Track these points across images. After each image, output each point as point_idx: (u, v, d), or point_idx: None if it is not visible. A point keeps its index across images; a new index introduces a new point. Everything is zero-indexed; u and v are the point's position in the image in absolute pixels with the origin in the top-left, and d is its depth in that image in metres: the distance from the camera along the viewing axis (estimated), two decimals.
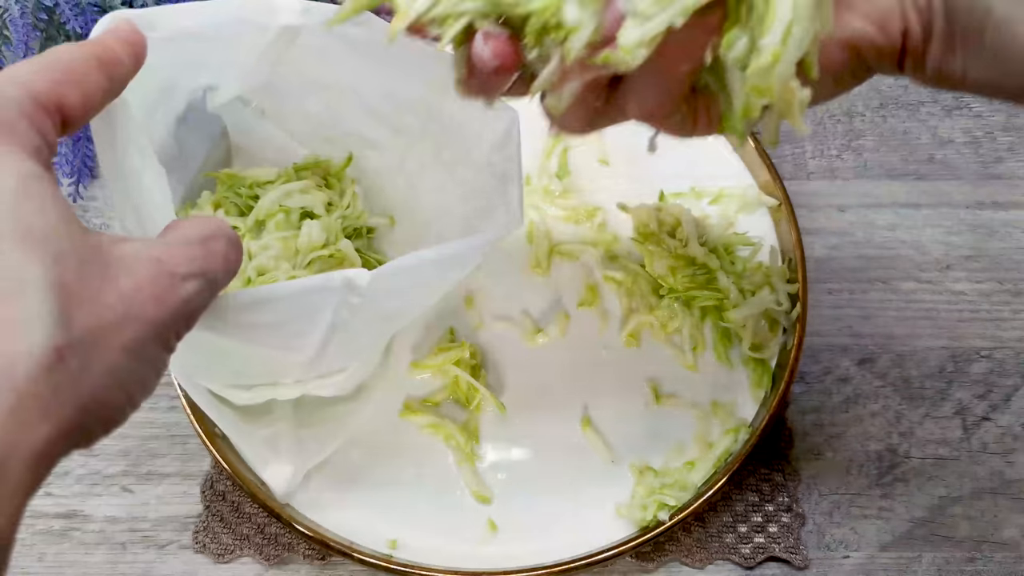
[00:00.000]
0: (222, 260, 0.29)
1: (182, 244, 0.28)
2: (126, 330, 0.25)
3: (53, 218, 0.24)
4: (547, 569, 0.46)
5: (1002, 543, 0.50)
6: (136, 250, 0.27)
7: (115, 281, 0.25)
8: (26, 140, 0.26)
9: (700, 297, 0.53)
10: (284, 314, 0.36)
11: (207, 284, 0.28)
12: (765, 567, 0.50)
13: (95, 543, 0.50)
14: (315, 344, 0.39)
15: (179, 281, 0.27)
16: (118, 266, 0.26)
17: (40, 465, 0.23)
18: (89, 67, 0.29)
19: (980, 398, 0.54)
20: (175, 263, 0.27)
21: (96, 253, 0.25)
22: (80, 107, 0.29)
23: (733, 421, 0.51)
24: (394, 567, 0.46)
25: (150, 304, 0.26)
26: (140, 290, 0.26)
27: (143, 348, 0.26)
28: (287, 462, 0.47)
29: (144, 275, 0.26)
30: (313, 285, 0.35)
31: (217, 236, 0.29)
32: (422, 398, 0.52)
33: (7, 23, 0.56)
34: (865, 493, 0.52)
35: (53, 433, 0.23)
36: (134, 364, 0.25)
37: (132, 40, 0.32)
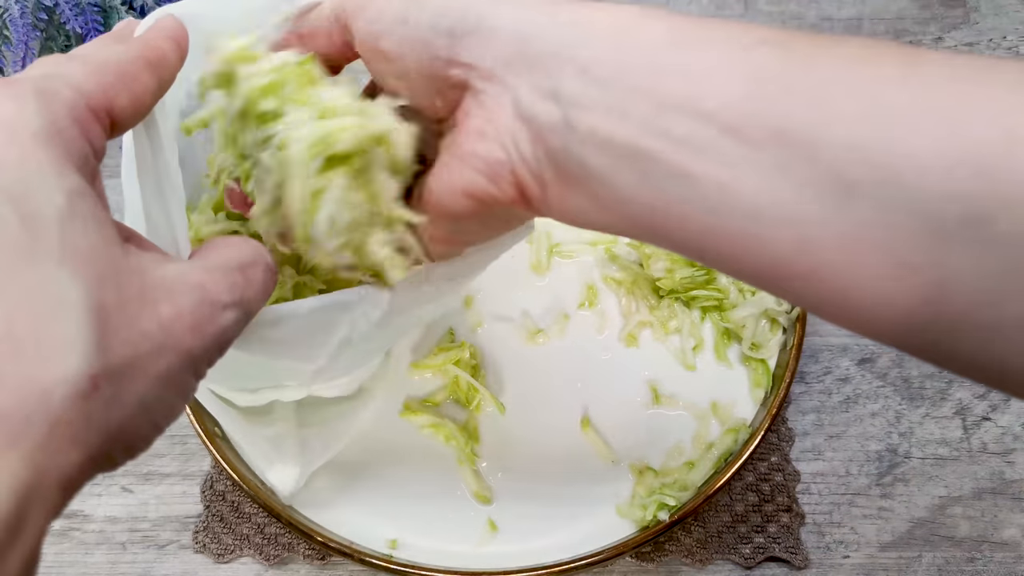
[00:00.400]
0: (260, 288, 0.29)
1: (223, 270, 0.28)
2: (162, 360, 0.25)
3: (96, 239, 0.24)
4: (547, 569, 0.46)
5: (1002, 543, 0.50)
6: (179, 274, 0.26)
7: (155, 307, 0.25)
8: (75, 148, 0.25)
9: (700, 297, 0.53)
10: (305, 329, 0.36)
11: (244, 314, 0.28)
12: (765, 567, 0.50)
13: (95, 543, 0.50)
14: (328, 354, 0.39)
15: (219, 310, 0.26)
16: (159, 291, 0.25)
17: (67, 490, 0.23)
18: (139, 68, 0.28)
19: (980, 398, 0.54)
20: (217, 291, 0.27)
21: (138, 276, 0.25)
22: (130, 110, 0.28)
23: (733, 421, 0.51)
24: (394, 567, 0.46)
25: (188, 334, 0.25)
26: (180, 319, 0.25)
27: (175, 377, 0.25)
28: (292, 464, 0.47)
29: (186, 303, 0.25)
30: (338, 302, 0.35)
31: (257, 263, 0.29)
32: (422, 398, 0.52)
33: (7, 23, 0.56)
34: (865, 493, 0.52)
35: (83, 460, 0.23)
36: (164, 393, 0.25)
37: (177, 37, 0.31)
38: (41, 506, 0.22)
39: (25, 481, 0.21)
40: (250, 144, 0.33)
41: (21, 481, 0.21)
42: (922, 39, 0.66)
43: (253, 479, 0.47)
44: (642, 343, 0.53)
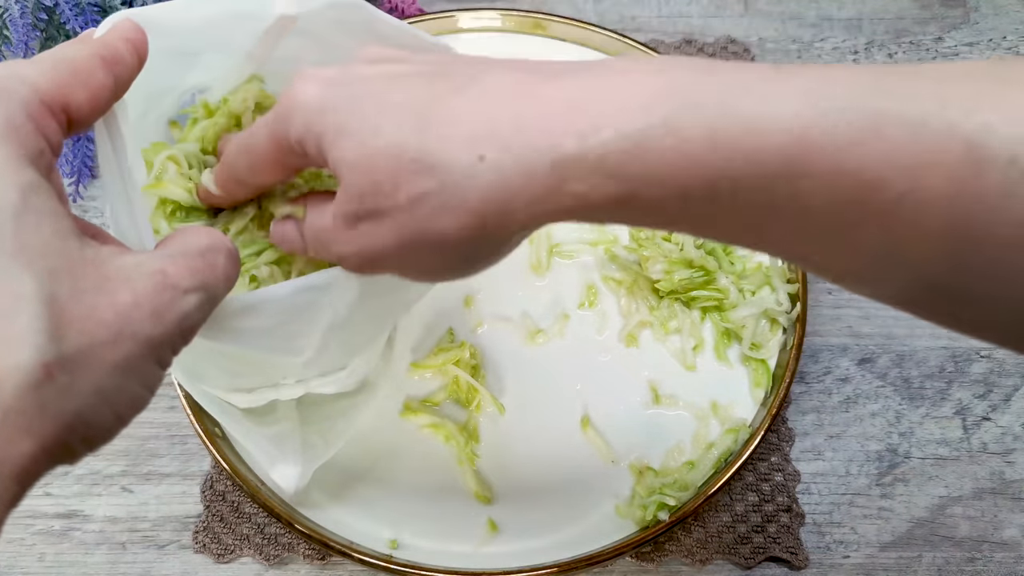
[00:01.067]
0: (222, 273, 0.29)
1: (183, 256, 0.28)
2: (120, 348, 0.25)
3: (50, 233, 0.24)
4: (547, 569, 0.46)
5: (1002, 543, 0.50)
6: (138, 263, 0.26)
7: (112, 296, 0.25)
8: (30, 143, 0.25)
9: (699, 297, 0.53)
10: (280, 317, 0.36)
11: (207, 298, 0.28)
12: (765, 567, 0.50)
13: (95, 543, 0.50)
14: (313, 345, 0.39)
15: (180, 295, 0.27)
16: (117, 280, 0.25)
17: (21, 481, 0.23)
18: (94, 66, 0.29)
19: (980, 398, 0.54)
20: (177, 276, 0.27)
21: (94, 268, 0.25)
22: (87, 107, 0.28)
23: (733, 421, 0.51)
24: (394, 567, 0.46)
25: (148, 320, 0.25)
26: (139, 305, 0.25)
27: (136, 365, 0.25)
28: (294, 462, 0.47)
29: (145, 289, 0.26)
30: (309, 285, 0.35)
31: (218, 248, 0.29)
32: (422, 398, 0.52)
33: (7, 23, 0.56)
34: (865, 493, 0.52)
35: (36, 450, 0.23)
36: (125, 382, 0.25)
37: (134, 38, 0.31)
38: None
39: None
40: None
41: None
42: (922, 39, 0.66)
43: (253, 479, 0.47)
44: (642, 343, 0.53)
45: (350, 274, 0.35)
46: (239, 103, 0.44)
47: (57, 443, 0.24)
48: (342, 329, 0.39)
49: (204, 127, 0.44)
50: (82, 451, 0.25)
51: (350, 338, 0.42)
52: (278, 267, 0.42)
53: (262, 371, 0.43)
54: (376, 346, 0.47)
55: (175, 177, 0.43)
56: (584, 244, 0.55)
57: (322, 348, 0.39)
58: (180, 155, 0.43)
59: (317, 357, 0.40)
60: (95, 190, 0.60)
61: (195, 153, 0.44)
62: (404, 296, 0.43)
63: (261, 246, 0.42)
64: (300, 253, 0.37)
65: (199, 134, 0.44)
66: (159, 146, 0.43)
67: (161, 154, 0.42)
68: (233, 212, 0.43)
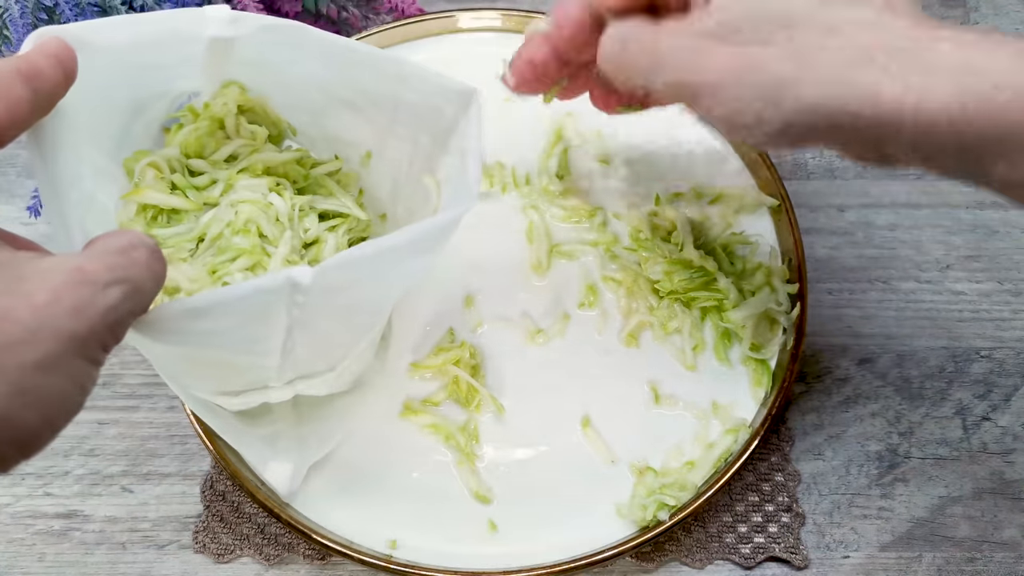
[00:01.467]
0: (145, 268, 0.29)
1: (101, 253, 0.28)
2: (39, 346, 0.24)
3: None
4: (547, 569, 0.46)
5: (1002, 543, 0.50)
6: (56, 263, 0.26)
7: (29, 296, 0.25)
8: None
9: (700, 298, 0.53)
10: (233, 319, 0.35)
11: (131, 291, 0.28)
12: (765, 567, 0.50)
13: (95, 543, 0.50)
14: (278, 348, 0.38)
15: (100, 289, 0.26)
16: (33, 280, 0.25)
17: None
18: (11, 81, 0.29)
19: (980, 398, 0.54)
20: (95, 272, 0.27)
21: (8, 270, 0.25)
22: (6, 120, 0.29)
23: (733, 421, 0.51)
24: (394, 567, 0.46)
25: (68, 317, 0.25)
26: (58, 302, 0.25)
27: (59, 363, 0.25)
28: (287, 460, 0.47)
29: (62, 286, 0.26)
30: (255, 287, 0.35)
31: (137, 245, 0.29)
32: (422, 398, 0.52)
33: (7, 23, 0.56)
34: (865, 493, 0.52)
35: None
36: (48, 380, 0.25)
37: (59, 55, 0.32)
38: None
39: None
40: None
41: None
42: None
43: (253, 479, 0.47)
44: (642, 343, 0.53)
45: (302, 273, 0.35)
46: (220, 107, 0.44)
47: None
48: (305, 332, 0.38)
49: (187, 132, 0.44)
50: (16, 456, 0.25)
51: (319, 339, 0.41)
52: (252, 273, 0.42)
53: (240, 374, 0.42)
54: (367, 346, 0.47)
55: (153, 182, 0.43)
56: (584, 244, 0.55)
57: (287, 351, 0.39)
58: (161, 161, 0.43)
59: (286, 360, 0.40)
60: None
61: (177, 158, 0.44)
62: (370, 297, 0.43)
63: (236, 252, 0.42)
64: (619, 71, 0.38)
65: (182, 139, 0.44)
66: (141, 154, 0.43)
67: (141, 161, 0.42)
68: (210, 219, 0.43)
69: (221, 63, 0.42)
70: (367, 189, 0.50)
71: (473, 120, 0.42)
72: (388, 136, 0.47)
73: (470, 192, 0.40)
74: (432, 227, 0.38)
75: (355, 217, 0.47)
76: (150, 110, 0.43)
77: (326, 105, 0.46)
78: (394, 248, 0.37)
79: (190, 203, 0.43)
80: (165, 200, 0.42)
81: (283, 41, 0.42)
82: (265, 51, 0.42)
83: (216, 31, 0.40)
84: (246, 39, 0.41)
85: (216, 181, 0.44)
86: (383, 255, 0.37)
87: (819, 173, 0.61)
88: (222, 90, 0.44)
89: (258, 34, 0.41)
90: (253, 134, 0.46)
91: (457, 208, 0.39)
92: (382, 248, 0.37)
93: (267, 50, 0.42)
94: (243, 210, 0.43)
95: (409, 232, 0.37)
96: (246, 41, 0.41)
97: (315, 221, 0.45)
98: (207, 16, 0.40)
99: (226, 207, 0.43)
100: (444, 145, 0.45)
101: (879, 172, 0.61)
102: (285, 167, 0.46)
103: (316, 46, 0.42)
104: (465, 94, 0.43)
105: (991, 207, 0.59)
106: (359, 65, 0.43)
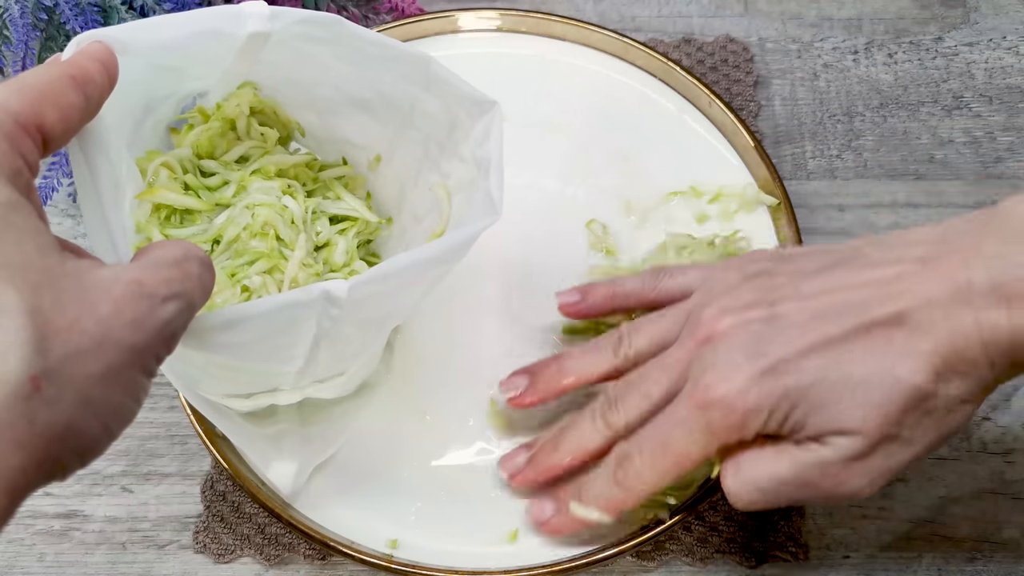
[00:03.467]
0: (197, 280, 0.29)
1: (156, 266, 0.28)
2: (103, 357, 0.25)
3: (31, 248, 0.25)
4: (547, 569, 0.46)
5: (1002, 543, 0.50)
6: (115, 274, 0.27)
7: (94, 306, 0.25)
8: (6, 163, 0.26)
9: None
10: (265, 330, 0.36)
11: (185, 306, 0.28)
12: (766, 566, 0.50)
13: (95, 543, 0.50)
14: (303, 355, 0.39)
15: (158, 303, 0.27)
16: (96, 291, 0.26)
17: (12, 496, 0.23)
18: (65, 86, 0.29)
19: None
20: (153, 285, 0.27)
21: (74, 280, 0.25)
22: (60, 127, 0.29)
23: None
24: (395, 567, 0.46)
25: (128, 329, 0.26)
26: (119, 315, 0.25)
27: (120, 374, 0.25)
28: (291, 460, 0.47)
29: (123, 299, 0.26)
30: (291, 300, 0.35)
31: (190, 258, 0.29)
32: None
33: (7, 23, 0.56)
34: None
35: (26, 463, 0.23)
36: (110, 391, 0.25)
37: (103, 59, 0.32)
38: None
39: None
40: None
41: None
42: (922, 39, 0.66)
43: (253, 479, 0.47)
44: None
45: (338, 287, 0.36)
46: (233, 109, 0.44)
47: (47, 456, 0.24)
48: (331, 341, 0.39)
49: (199, 132, 0.44)
50: (74, 464, 0.25)
51: (343, 348, 0.42)
52: (270, 276, 0.42)
53: (257, 379, 0.43)
54: (371, 352, 0.47)
55: (167, 182, 0.43)
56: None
57: (311, 359, 0.39)
58: (174, 161, 0.43)
59: (308, 367, 0.40)
60: None
61: (189, 158, 0.44)
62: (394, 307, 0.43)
63: (253, 255, 0.42)
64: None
65: (193, 139, 0.44)
66: (153, 154, 0.43)
67: (154, 161, 0.43)
68: (225, 221, 0.43)
69: (250, 61, 0.42)
70: (373, 192, 0.50)
71: (495, 131, 0.42)
72: (399, 140, 0.47)
73: (494, 206, 0.41)
74: (459, 240, 0.39)
75: (364, 220, 0.47)
76: (158, 110, 0.43)
77: (339, 105, 0.46)
78: (426, 261, 0.38)
79: (203, 204, 0.43)
80: (180, 200, 0.43)
81: (317, 35, 0.41)
82: (296, 45, 0.42)
83: (255, 27, 0.40)
84: (281, 33, 0.41)
85: (228, 182, 0.44)
86: (415, 267, 0.38)
87: (819, 173, 0.61)
88: (236, 91, 0.44)
89: (293, 27, 0.41)
90: (264, 136, 0.46)
91: (482, 221, 0.40)
92: (415, 261, 0.38)
93: (299, 44, 0.42)
94: (260, 213, 0.43)
95: (439, 244, 0.39)
96: (281, 35, 0.41)
97: (326, 224, 0.46)
98: (245, 12, 0.39)
99: (241, 209, 0.43)
100: (456, 152, 0.45)
101: (879, 172, 0.61)
102: (295, 170, 0.46)
103: (349, 39, 0.42)
104: (485, 104, 0.43)
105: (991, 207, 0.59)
106: (386, 62, 0.43)
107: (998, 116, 0.62)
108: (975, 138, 0.62)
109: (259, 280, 0.42)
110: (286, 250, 0.43)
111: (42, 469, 0.24)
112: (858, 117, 0.63)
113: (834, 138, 0.62)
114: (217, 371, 0.41)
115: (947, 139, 0.62)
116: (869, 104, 0.63)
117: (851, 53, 0.65)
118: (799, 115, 0.63)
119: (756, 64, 0.64)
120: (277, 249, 0.43)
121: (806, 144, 0.62)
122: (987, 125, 0.62)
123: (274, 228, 0.43)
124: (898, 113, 0.63)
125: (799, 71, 0.64)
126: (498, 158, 0.42)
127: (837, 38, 0.66)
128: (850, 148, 0.61)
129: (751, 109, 0.62)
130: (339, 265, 0.45)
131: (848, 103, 0.63)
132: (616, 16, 0.67)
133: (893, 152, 0.61)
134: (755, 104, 0.62)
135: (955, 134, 0.62)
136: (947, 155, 0.61)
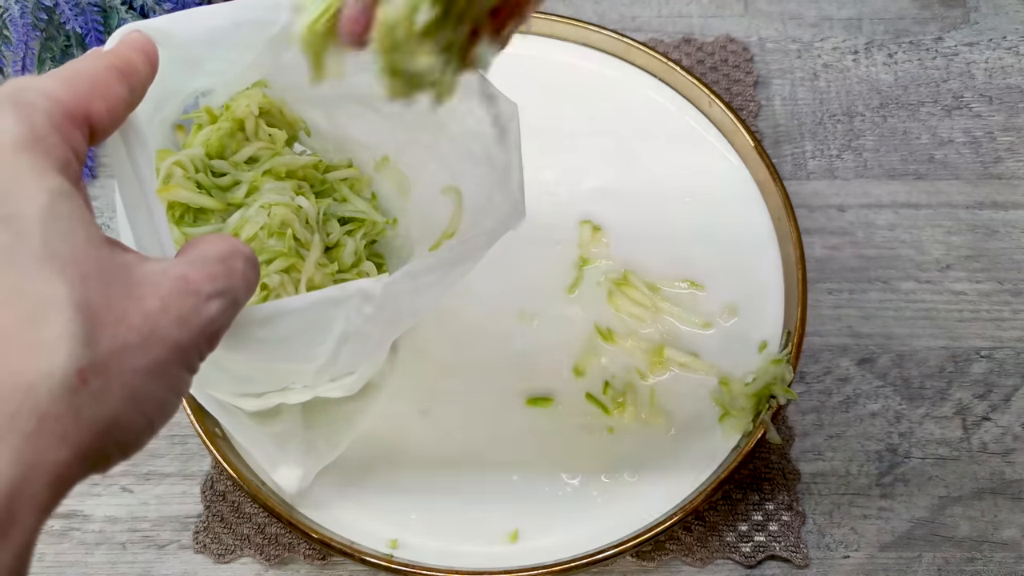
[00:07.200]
0: (242, 278, 0.29)
1: (203, 262, 0.28)
2: (150, 352, 0.25)
3: (80, 239, 0.24)
4: (547, 569, 0.46)
5: (1002, 543, 0.50)
6: (162, 269, 0.26)
7: (141, 301, 0.25)
8: (56, 154, 0.26)
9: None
10: (299, 327, 0.36)
11: (230, 303, 0.28)
12: (765, 566, 0.50)
13: (95, 543, 0.50)
14: (327, 353, 0.39)
15: (204, 300, 0.27)
16: (144, 286, 0.25)
17: (58, 488, 0.23)
18: (111, 77, 0.29)
19: (980, 398, 0.54)
20: (199, 282, 0.27)
21: (123, 273, 0.25)
22: (106, 117, 0.28)
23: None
24: (395, 567, 0.46)
25: (175, 325, 0.26)
26: (166, 311, 0.25)
27: (165, 370, 0.25)
28: (297, 464, 0.47)
29: (170, 295, 0.26)
30: (328, 298, 0.36)
31: (236, 255, 0.29)
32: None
33: (7, 23, 0.56)
34: (865, 493, 0.52)
35: (72, 456, 0.23)
36: (156, 386, 0.25)
37: (146, 49, 0.32)
38: (30, 503, 0.22)
39: (12, 478, 0.21)
40: None
41: (8, 478, 0.21)
42: (922, 39, 0.66)
43: (253, 479, 0.47)
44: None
45: (373, 285, 0.36)
46: (243, 109, 0.44)
47: (92, 449, 0.23)
48: (356, 340, 0.39)
49: (208, 132, 0.44)
50: (116, 457, 0.25)
51: (363, 346, 0.42)
52: (287, 275, 0.42)
53: (273, 378, 0.43)
54: (383, 351, 0.47)
55: (182, 181, 0.43)
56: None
57: (334, 357, 0.40)
58: (187, 160, 0.43)
59: (329, 365, 0.40)
60: (95, 190, 0.60)
61: (200, 158, 0.44)
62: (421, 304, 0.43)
63: (271, 254, 0.42)
64: None
65: (204, 139, 0.44)
66: (164, 152, 0.43)
67: (168, 160, 0.43)
68: (240, 220, 0.43)
69: (270, 60, 0.42)
70: (379, 193, 0.50)
71: (514, 133, 0.42)
72: (410, 141, 0.47)
73: (518, 208, 0.41)
74: (484, 239, 0.40)
75: (371, 221, 0.47)
76: (165, 107, 0.43)
77: (349, 103, 0.46)
78: (453, 261, 0.39)
79: (216, 203, 0.43)
80: (195, 199, 0.43)
81: None
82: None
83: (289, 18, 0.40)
84: None
85: (239, 183, 0.44)
86: (442, 267, 0.39)
87: (819, 173, 0.61)
88: (246, 91, 0.44)
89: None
90: (272, 137, 0.46)
91: (506, 223, 0.40)
92: (443, 261, 0.38)
93: None
94: (277, 212, 0.43)
95: (465, 245, 0.39)
96: None
97: (336, 225, 0.46)
98: (282, 4, 0.40)
99: (257, 209, 0.43)
100: (468, 154, 0.45)
101: (879, 172, 0.61)
102: (304, 171, 0.46)
103: None
104: (505, 108, 0.43)
105: (991, 207, 0.59)
106: None
107: (998, 116, 0.62)
108: (975, 138, 0.62)
109: (277, 279, 0.42)
110: (302, 250, 0.43)
111: (86, 462, 0.24)
112: (858, 117, 0.63)
113: (834, 138, 0.62)
114: (235, 369, 0.41)
115: (947, 139, 0.62)
116: (869, 104, 0.63)
117: (851, 53, 0.65)
118: (799, 115, 0.63)
119: (756, 64, 0.64)
120: (295, 248, 0.43)
121: (806, 144, 0.62)
122: (987, 125, 0.62)
123: (291, 227, 0.43)
124: (898, 113, 0.63)
125: (799, 71, 0.64)
126: (518, 160, 0.42)
127: (837, 38, 0.66)
128: (850, 148, 0.61)
129: (751, 109, 0.62)
130: (347, 266, 0.45)
131: (848, 103, 0.63)
132: (616, 16, 0.67)
133: (893, 152, 0.61)
134: (755, 104, 0.62)
135: (955, 134, 0.62)
136: (947, 155, 0.61)
